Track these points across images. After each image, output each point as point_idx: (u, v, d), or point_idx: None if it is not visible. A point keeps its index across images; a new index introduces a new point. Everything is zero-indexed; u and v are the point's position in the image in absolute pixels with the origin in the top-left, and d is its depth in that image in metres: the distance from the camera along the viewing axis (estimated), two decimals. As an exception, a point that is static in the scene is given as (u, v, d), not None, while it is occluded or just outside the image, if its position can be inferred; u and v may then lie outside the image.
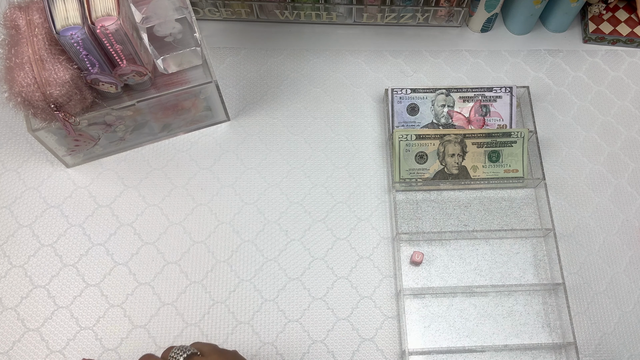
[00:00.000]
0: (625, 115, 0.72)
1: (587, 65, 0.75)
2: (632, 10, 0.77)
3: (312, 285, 0.62)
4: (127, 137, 0.66)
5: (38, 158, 0.67)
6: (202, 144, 0.69)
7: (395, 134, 0.66)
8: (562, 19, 0.75)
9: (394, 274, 0.63)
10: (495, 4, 0.71)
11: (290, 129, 0.70)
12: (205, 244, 0.64)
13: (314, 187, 0.67)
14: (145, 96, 0.60)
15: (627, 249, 0.65)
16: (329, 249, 0.64)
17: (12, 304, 0.60)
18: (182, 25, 0.58)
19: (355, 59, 0.74)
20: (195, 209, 0.65)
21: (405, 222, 0.65)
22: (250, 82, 0.72)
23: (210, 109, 0.67)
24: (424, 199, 0.66)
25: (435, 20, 0.76)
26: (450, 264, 0.63)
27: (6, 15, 0.52)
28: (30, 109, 0.54)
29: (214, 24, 0.76)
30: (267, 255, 0.63)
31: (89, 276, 0.62)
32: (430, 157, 0.66)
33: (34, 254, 0.62)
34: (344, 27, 0.77)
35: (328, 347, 0.60)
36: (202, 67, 0.62)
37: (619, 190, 0.68)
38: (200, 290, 0.61)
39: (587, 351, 0.60)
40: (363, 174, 0.68)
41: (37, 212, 0.64)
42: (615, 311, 0.62)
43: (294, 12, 0.74)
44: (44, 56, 0.51)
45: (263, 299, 0.61)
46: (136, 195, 0.66)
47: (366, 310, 0.61)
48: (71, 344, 0.59)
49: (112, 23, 0.51)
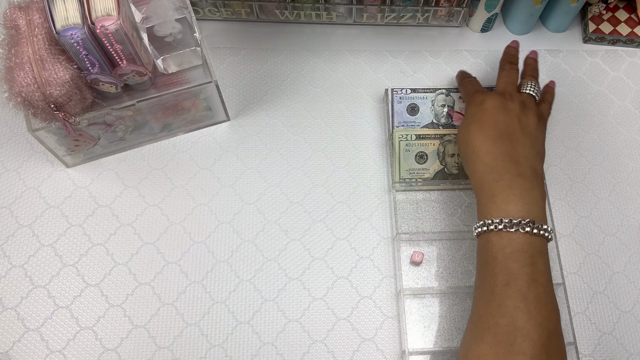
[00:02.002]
0: (625, 115, 0.72)
1: (587, 65, 0.75)
2: (632, 10, 0.77)
3: (312, 285, 0.62)
4: (127, 137, 0.66)
5: (38, 158, 0.67)
6: (202, 144, 0.69)
7: (395, 134, 0.66)
8: (562, 19, 0.75)
9: (394, 274, 0.63)
10: (495, 4, 0.71)
11: (290, 129, 0.70)
12: (205, 244, 0.64)
13: (314, 187, 0.67)
14: (145, 96, 0.60)
15: (627, 249, 0.65)
16: (329, 249, 0.64)
17: (12, 304, 0.60)
18: (182, 25, 0.58)
19: (355, 59, 0.74)
20: (195, 209, 0.65)
21: (405, 222, 0.65)
22: (250, 82, 0.72)
23: (210, 109, 0.67)
24: (424, 199, 0.66)
25: (435, 20, 0.76)
26: (450, 264, 0.63)
27: (6, 15, 0.52)
28: (30, 109, 0.54)
29: (214, 24, 0.76)
30: (267, 255, 0.63)
31: (89, 276, 0.62)
32: (430, 157, 0.66)
33: (34, 254, 0.62)
34: (344, 27, 0.77)
35: (328, 347, 0.60)
36: (202, 67, 0.62)
37: (618, 190, 0.68)
38: (200, 290, 0.61)
39: (586, 351, 0.60)
40: (363, 174, 0.68)
41: (37, 212, 0.64)
42: (614, 311, 0.62)
43: (294, 12, 0.74)
44: (44, 56, 0.51)
45: (263, 299, 0.61)
46: (136, 195, 0.66)
47: (366, 310, 0.61)
48: (71, 344, 0.59)
49: (112, 23, 0.51)
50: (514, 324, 0.47)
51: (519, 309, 0.47)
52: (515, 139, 0.55)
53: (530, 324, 0.46)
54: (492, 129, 0.55)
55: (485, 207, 0.52)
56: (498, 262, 0.49)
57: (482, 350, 0.47)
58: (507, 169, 0.52)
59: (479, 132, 0.56)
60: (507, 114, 0.56)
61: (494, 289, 0.49)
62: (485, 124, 0.56)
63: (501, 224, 0.50)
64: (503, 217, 0.50)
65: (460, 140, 0.58)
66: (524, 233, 0.49)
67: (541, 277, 0.48)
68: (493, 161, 0.53)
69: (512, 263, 0.49)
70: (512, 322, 0.47)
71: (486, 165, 0.53)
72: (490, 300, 0.49)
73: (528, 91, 0.61)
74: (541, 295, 0.48)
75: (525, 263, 0.48)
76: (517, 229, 0.49)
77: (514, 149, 0.54)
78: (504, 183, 0.51)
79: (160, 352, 0.59)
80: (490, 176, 0.52)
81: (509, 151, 0.53)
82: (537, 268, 0.48)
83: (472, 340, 0.49)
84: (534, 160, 0.55)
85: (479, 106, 0.58)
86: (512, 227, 0.49)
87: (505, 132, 0.55)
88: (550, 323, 0.47)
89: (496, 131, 0.55)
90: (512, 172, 0.52)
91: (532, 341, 0.46)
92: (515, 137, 0.55)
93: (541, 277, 0.48)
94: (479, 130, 0.56)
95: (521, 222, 0.49)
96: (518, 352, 0.46)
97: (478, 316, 0.50)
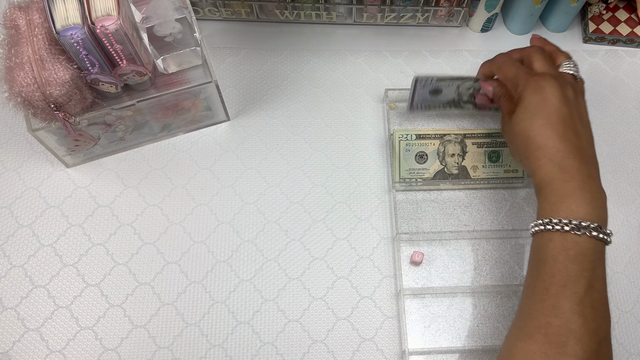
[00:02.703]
0: (625, 115, 0.72)
1: (587, 65, 0.75)
2: (632, 10, 0.77)
3: (312, 285, 0.62)
4: (127, 137, 0.66)
5: (38, 158, 0.67)
6: (202, 144, 0.69)
7: (395, 133, 0.66)
8: (562, 19, 0.75)
9: (394, 274, 0.63)
10: (495, 4, 0.71)
11: (290, 129, 0.70)
12: (205, 244, 0.64)
13: (314, 187, 0.67)
14: (145, 96, 0.60)
15: (626, 250, 0.65)
16: (329, 249, 0.64)
17: (12, 304, 0.60)
18: (182, 25, 0.58)
19: (355, 59, 0.74)
20: (195, 209, 0.65)
21: (405, 222, 0.65)
22: (250, 82, 0.72)
23: (210, 109, 0.67)
24: (424, 199, 0.66)
25: (435, 20, 0.76)
26: (450, 264, 0.63)
27: (6, 15, 0.52)
28: (30, 109, 0.54)
29: (214, 24, 0.76)
30: (267, 255, 0.63)
31: (89, 276, 0.62)
32: (430, 157, 0.66)
33: (34, 254, 0.62)
34: (344, 27, 0.77)
35: (328, 347, 0.60)
36: (202, 67, 0.62)
37: (618, 190, 0.68)
38: (200, 290, 0.61)
39: (586, 351, 0.60)
40: (363, 174, 0.68)
41: (37, 212, 0.64)
42: (614, 311, 0.62)
43: (294, 12, 0.74)
44: (44, 56, 0.51)
45: (263, 299, 0.61)
46: (136, 195, 0.66)
47: (366, 310, 0.61)
48: (71, 344, 0.59)
49: (112, 23, 0.51)
50: (568, 326, 0.46)
51: (574, 312, 0.46)
52: (579, 133, 0.52)
53: (584, 328, 0.45)
54: (558, 123, 0.51)
55: (554, 206, 0.50)
56: (558, 262, 0.48)
57: (530, 348, 0.46)
58: (578, 170, 0.50)
59: (545, 126, 0.52)
60: (567, 103, 0.53)
61: (550, 288, 0.47)
62: (551, 116, 0.52)
63: (569, 225, 0.48)
64: (572, 219, 0.48)
65: (519, 132, 0.53)
66: (590, 237, 0.48)
67: (598, 284, 0.48)
68: (563, 160, 0.50)
69: (573, 265, 0.47)
70: (566, 324, 0.46)
71: (555, 163, 0.50)
72: (544, 300, 0.47)
73: (571, 72, 0.57)
74: (597, 302, 0.47)
75: (586, 267, 0.47)
76: (584, 232, 0.48)
77: (580, 145, 0.51)
78: (576, 184, 0.49)
79: (160, 352, 0.59)
80: (560, 175, 0.50)
81: (576, 148, 0.51)
82: (596, 274, 0.48)
83: (520, 336, 0.48)
84: (595, 156, 0.53)
85: (539, 93, 0.53)
86: (579, 230, 0.48)
87: (570, 125, 0.52)
88: (602, 330, 0.47)
89: (562, 125, 0.52)
90: (583, 172, 0.50)
91: (585, 345, 0.45)
92: (578, 131, 0.52)
93: (598, 283, 0.48)
94: (544, 124, 0.52)
95: (590, 226, 0.48)
96: (570, 354, 0.45)
97: (528, 314, 0.48)
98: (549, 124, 0.52)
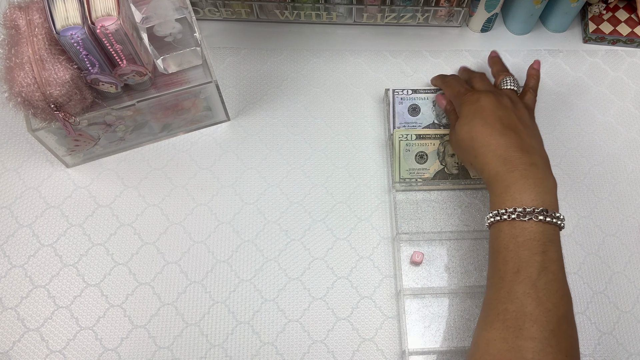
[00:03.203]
0: (625, 115, 0.72)
1: (587, 65, 0.75)
2: (632, 10, 0.77)
3: (312, 285, 0.62)
4: (127, 137, 0.66)
5: (38, 158, 0.67)
6: (202, 144, 0.69)
7: (396, 133, 0.66)
8: (562, 19, 0.75)
9: (394, 274, 0.63)
10: (495, 4, 0.71)
11: (290, 129, 0.70)
12: (205, 244, 0.64)
13: (314, 187, 0.67)
14: (145, 96, 0.60)
15: (627, 249, 0.65)
16: (329, 249, 0.64)
17: (12, 304, 0.60)
18: (182, 25, 0.58)
19: (355, 59, 0.74)
20: (195, 209, 0.65)
21: (405, 222, 0.65)
22: (250, 82, 0.72)
23: (210, 109, 0.67)
24: (424, 199, 0.66)
25: (435, 20, 0.76)
26: (450, 264, 0.63)
27: (6, 15, 0.52)
28: (30, 109, 0.54)
29: (214, 24, 0.76)
30: (267, 255, 0.63)
31: (89, 276, 0.62)
32: (430, 157, 0.66)
33: (34, 254, 0.62)
34: (344, 27, 0.77)
35: (328, 347, 0.60)
36: (202, 67, 0.62)
37: (619, 190, 0.68)
38: (200, 290, 0.61)
39: (586, 351, 0.60)
40: (363, 174, 0.68)
41: (37, 212, 0.64)
42: (614, 311, 0.62)
43: (294, 12, 0.74)
44: (44, 56, 0.51)
45: (263, 299, 0.61)
46: (136, 195, 0.66)
47: (366, 310, 0.61)
48: (71, 344, 0.59)
49: (112, 23, 0.51)
50: (523, 310, 0.47)
51: (528, 295, 0.48)
52: (519, 131, 0.55)
53: (539, 309, 0.47)
54: (496, 122, 0.56)
55: (500, 197, 0.52)
56: (509, 250, 0.50)
57: (491, 335, 0.48)
58: (520, 159, 0.53)
59: (484, 126, 0.56)
60: (503, 109, 0.57)
61: (505, 276, 0.49)
62: (488, 118, 0.56)
63: (514, 213, 0.50)
64: (517, 207, 0.51)
65: (463, 137, 0.58)
66: (537, 222, 0.50)
67: (552, 265, 0.49)
68: (505, 152, 0.54)
69: (523, 251, 0.49)
70: (521, 308, 0.47)
71: (498, 156, 0.54)
72: (500, 288, 0.49)
73: (509, 87, 0.63)
74: (551, 282, 0.48)
75: (537, 251, 0.49)
76: (530, 217, 0.50)
77: (522, 140, 0.55)
78: (518, 173, 0.52)
79: (160, 352, 0.59)
80: (504, 167, 0.53)
81: (517, 142, 0.54)
82: (548, 256, 0.49)
83: (483, 326, 0.50)
84: (541, 149, 0.56)
85: (475, 103, 0.59)
86: (525, 216, 0.50)
87: (509, 124, 0.56)
88: (559, 309, 0.48)
89: (500, 124, 0.56)
90: (525, 162, 0.53)
91: (541, 326, 0.46)
92: (518, 129, 0.56)
93: (552, 264, 0.49)
94: (483, 124, 0.56)
95: (534, 211, 0.50)
96: (526, 337, 0.46)
97: (488, 304, 0.51)
98: (488, 124, 0.56)
